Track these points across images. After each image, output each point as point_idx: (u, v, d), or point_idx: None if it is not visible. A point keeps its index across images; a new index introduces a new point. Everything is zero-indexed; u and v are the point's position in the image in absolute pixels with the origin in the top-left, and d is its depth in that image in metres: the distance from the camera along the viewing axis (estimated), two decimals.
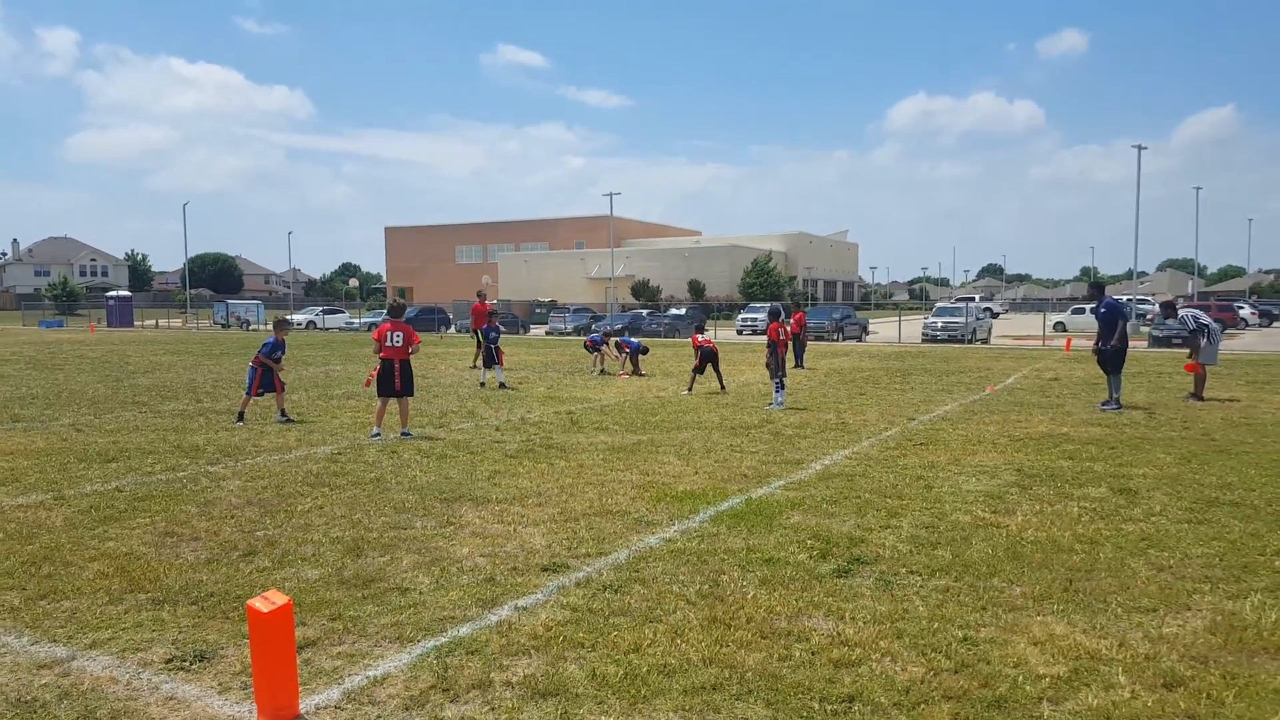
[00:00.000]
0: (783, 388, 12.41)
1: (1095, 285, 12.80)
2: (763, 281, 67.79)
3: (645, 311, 48.76)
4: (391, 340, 9.48)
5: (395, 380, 9.44)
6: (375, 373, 9.62)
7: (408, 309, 18.52)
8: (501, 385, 14.94)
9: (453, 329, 46.98)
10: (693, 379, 14.77)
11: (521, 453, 8.48)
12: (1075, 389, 14.59)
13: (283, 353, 11.03)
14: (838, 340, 36.14)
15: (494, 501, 6.45)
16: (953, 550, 5.23)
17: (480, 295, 18.28)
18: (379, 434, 9.35)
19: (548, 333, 44.41)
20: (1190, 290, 79.77)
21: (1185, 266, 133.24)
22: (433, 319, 45.01)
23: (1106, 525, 5.78)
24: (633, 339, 18.85)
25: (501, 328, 16.10)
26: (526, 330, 46.55)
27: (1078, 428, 10.14)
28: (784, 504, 6.35)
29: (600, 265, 74.93)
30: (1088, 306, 37.56)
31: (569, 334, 42.53)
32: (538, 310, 60.79)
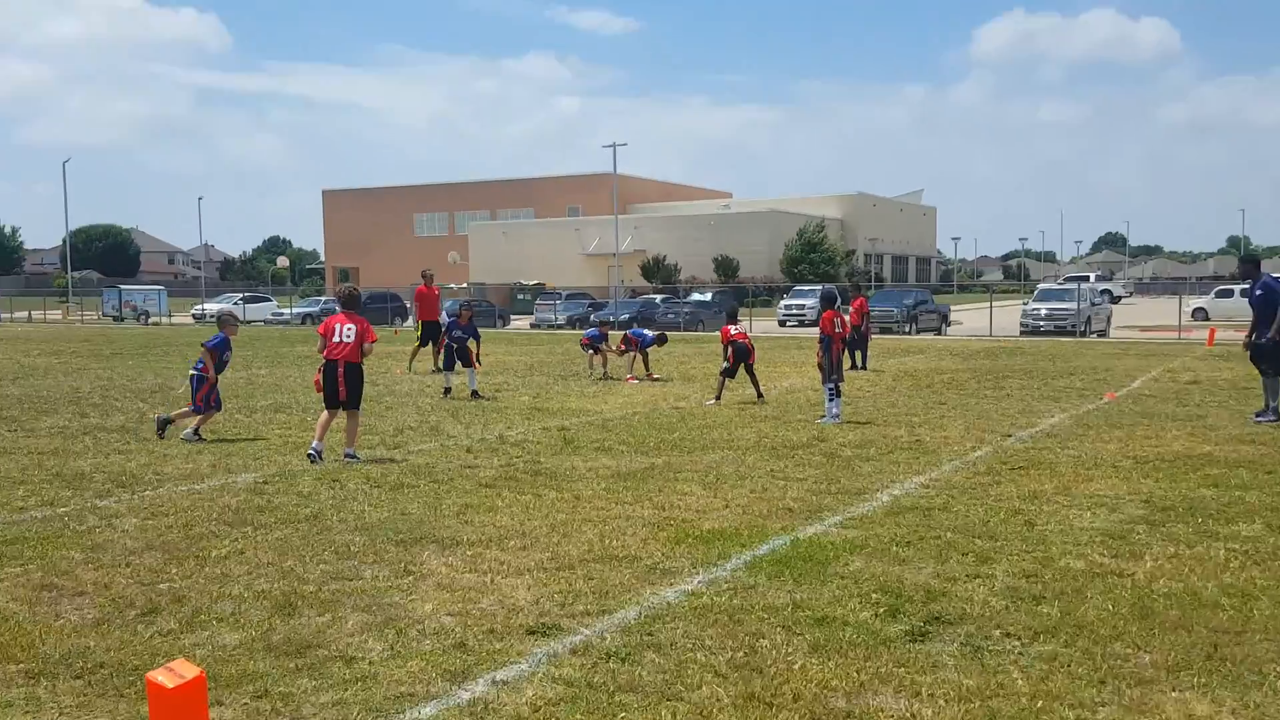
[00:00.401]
0: (839, 395, 12.40)
1: (1248, 260, 12.70)
2: (812, 257, 67.84)
3: (659, 298, 48.83)
4: (340, 335, 9.51)
5: (339, 387, 9.49)
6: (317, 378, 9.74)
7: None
8: (474, 394, 14.99)
9: (410, 321, 47.26)
10: (721, 384, 14.78)
11: (500, 481, 8.52)
12: (1221, 395, 14.52)
13: (229, 354, 11.14)
14: (910, 333, 36.14)
15: (465, 544, 6.48)
16: (1061, 606, 5.21)
17: (426, 277, 18.36)
18: (318, 451, 9.41)
19: (533, 325, 44.67)
20: None
21: None
22: (385, 308, 45.23)
23: (1263, 573, 5.75)
24: (645, 330, 18.85)
25: (475, 328, 16.11)
26: (506, 322, 46.83)
27: (1224, 446, 10.09)
28: (841, 546, 6.34)
29: (601, 238, 75.13)
30: (1238, 287, 37.29)
31: (561, 327, 42.72)
32: (521, 296, 60.89)
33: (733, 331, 14.75)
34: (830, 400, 12.24)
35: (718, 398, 14.50)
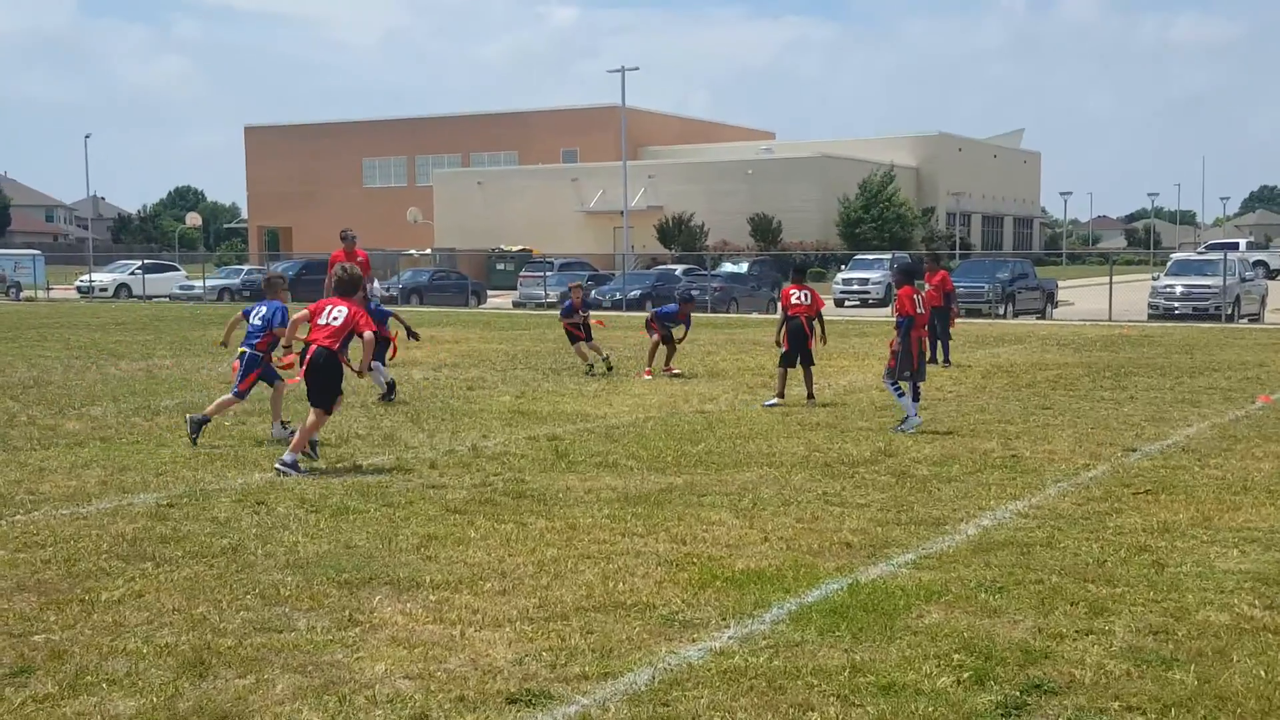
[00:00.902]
0: (917, 397, 12.38)
1: None
2: (878, 216, 67.66)
3: (680, 269, 48.83)
4: (329, 317, 9.97)
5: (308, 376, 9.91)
6: (291, 359, 10.12)
7: (285, 271, 18.62)
8: (386, 393, 14.73)
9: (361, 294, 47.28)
10: (783, 377, 14.73)
11: (473, 505, 8.54)
12: None
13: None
14: (1005, 316, 36.09)
15: (427, 586, 6.50)
16: (1198, 671, 5.20)
17: (346, 239, 18.15)
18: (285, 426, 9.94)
19: (516, 303, 44.74)
20: None
21: None
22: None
23: None
24: (668, 306, 18.82)
25: (386, 308, 16.14)
26: (481, 299, 46.94)
27: None
28: (913, 592, 6.34)
29: (605, 191, 75.26)
30: None
31: (553, 305, 42.73)
32: (501, 266, 61.11)
33: (795, 296, 14.88)
34: (907, 401, 12.22)
35: (780, 396, 14.66)
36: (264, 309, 11.51)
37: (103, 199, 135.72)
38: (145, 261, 55.70)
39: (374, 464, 10.26)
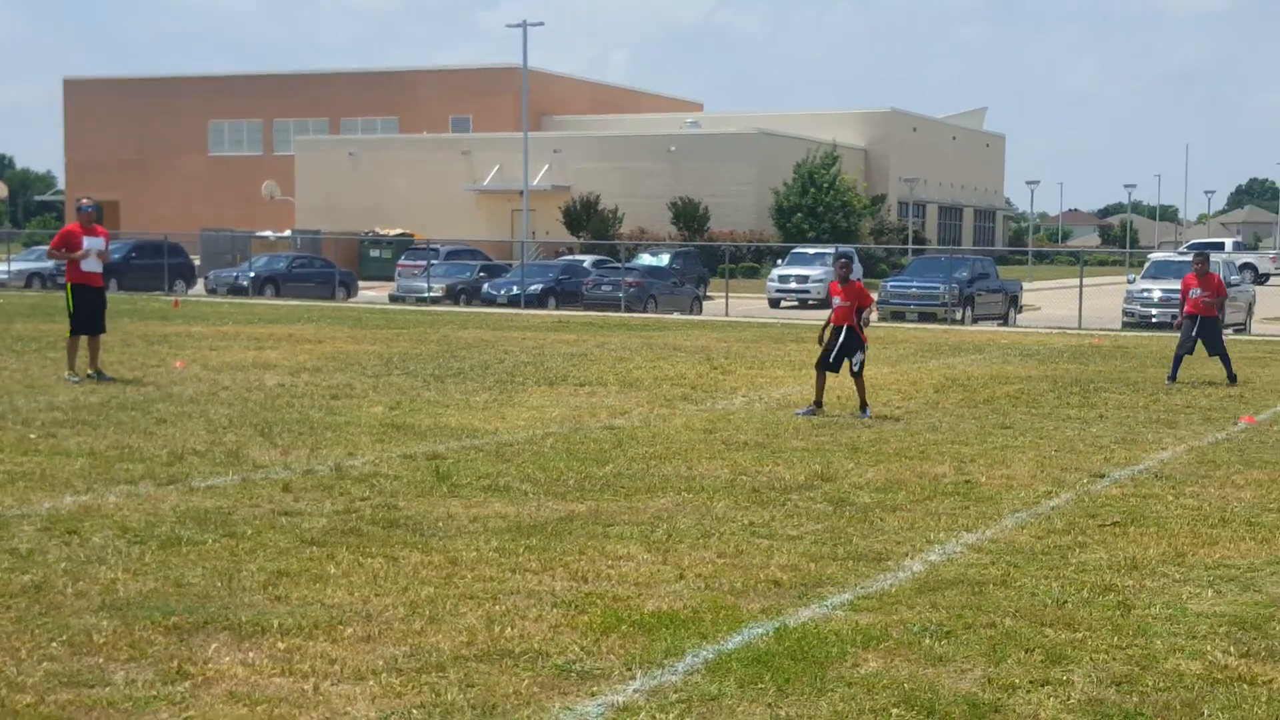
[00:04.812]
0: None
1: None
2: (818, 202, 68.24)
3: (589, 259, 48.89)
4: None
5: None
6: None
7: (109, 244, 18.38)
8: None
9: (201, 285, 46.67)
10: (821, 379, 15.11)
11: (334, 535, 8.47)
12: None
13: None
14: (963, 322, 36.69)
15: (275, 632, 6.43)
16: None
17: (82, 213, 17.75)
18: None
19: (394, 297, 44.34)
20: None
21: None
22: (160, 265, 44.61)
23: None
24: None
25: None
26: (351, 292, 46.49)
27: None
28: (849, 638, 6.41)
29: (502, 166, 74.96)
30: None
31: (438, 300, 42.53)
32: (375, 253, 60.64)
33: (847, 285, 15.40)
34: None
35: (817, 404, 15.10)
36: None
37: None
38: None
39: (214, 486, 10.09)
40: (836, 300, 15.33)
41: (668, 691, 5.65)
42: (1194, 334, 19.23)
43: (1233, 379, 19.03)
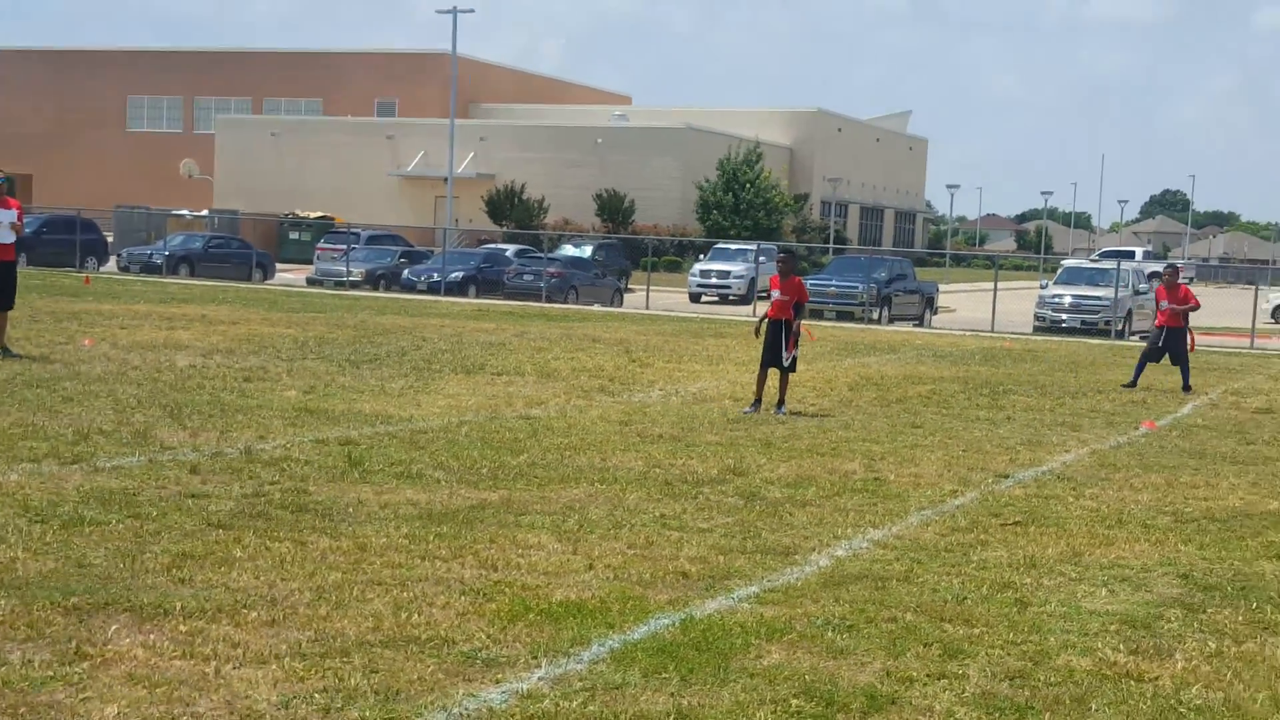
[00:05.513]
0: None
1: None
2: (741, 199, 68.50)
3: (512, 249, 48.75)
4: None
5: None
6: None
7: (22, 217, 17.99)
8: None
9: (114, 262, 45.91)
10: (762, 376, 15.24)
11: (241, 519, 8.42)
12: None
13: None
14: (880, 322, 37.07)
15: (178, 614, 6.39)
16: None
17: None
18: None
19: (312, 280, 43.78)
20: None
21: None
22: (73, 241, 43.83)
23: None
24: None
25: None
26: (268, 274, 45.96)
27: None
28: (753, 630, 6.50)
29: (427, 152, 74.48)
30: None
31: (357, 284, 42.15)
32: (295, 235, 59.84)
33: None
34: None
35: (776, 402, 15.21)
36: None
37: None
38: None
39: (119, 466, 9.96)
40: (775, 294, 15.48)
41: (572, 680, 5.69)
42: (1159, 344, 19.66)
43: (1187, 389, 19.44)
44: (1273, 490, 11.20)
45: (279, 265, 49.12)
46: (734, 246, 49.76)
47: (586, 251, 49.02)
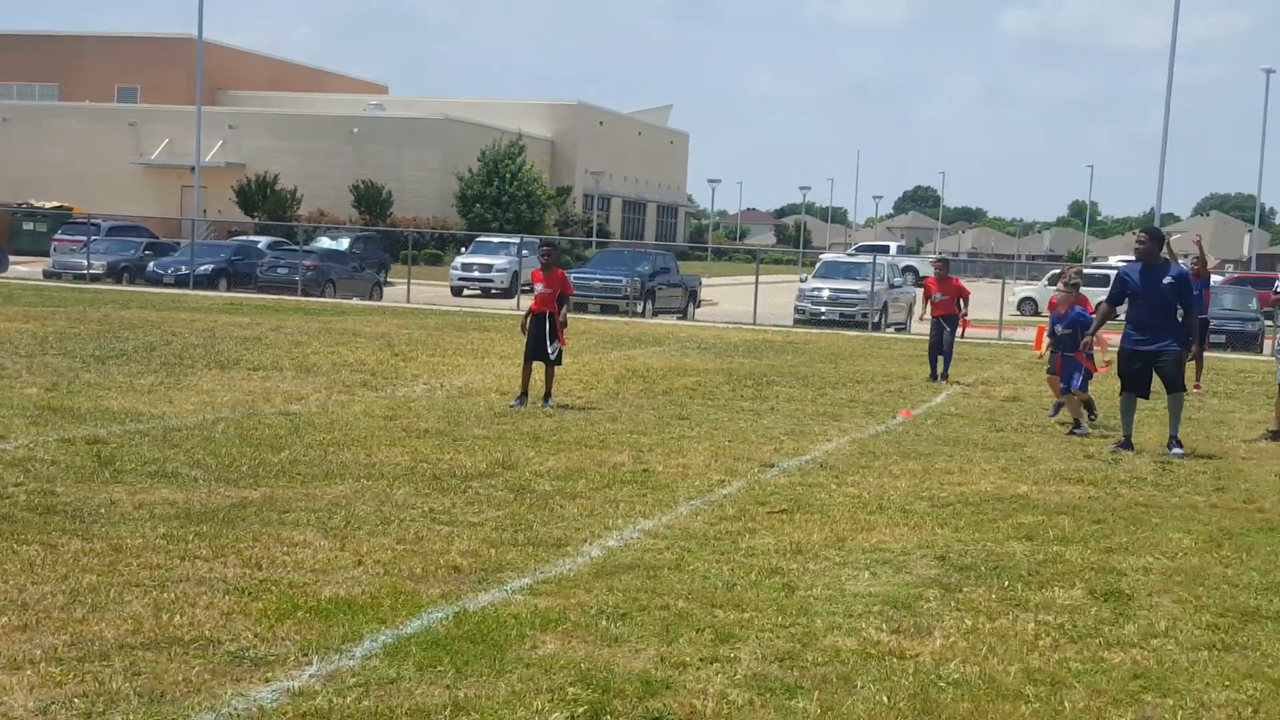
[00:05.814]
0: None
1: (1151, 234, 13.65)
2: (503, 192, 68.55)
3: (264, 241, 47.65)
4: None
5: None
6: None
7: None
8: None
9: None
10: (527, 370, 15.26)
11: None
12: (1046, 417, 16.32)
13: None
14: (644, 315, 37.65)
15: None
16: (821, 699, 5.71)
17: None
18: None
19: (49, 273, 42.25)
20: (1247, 250, 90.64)
21: (1245, 207, 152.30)
22: None
23: (1079, 654, 6.58)
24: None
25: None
26: (2, 266, 43.96)
27: (1045, 486, 11.39)
28: (527, 621, 6.60)
29: (173, 140, 72.66)
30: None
31: (98, 277, 40.65)
32: (29, 226, 57.75)
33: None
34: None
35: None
36: None
37: None
38: None
39: None
40: (539, 288, 15.54)
41: (345, 676, 5.70)
42: (940, 334, 20.51)
43: (942, 376, 20.38)
44: (1022, 475, 11.88)
45: (12, 258, 47.16)
46: (496, 240, 49.91)
47: (344, 244, 48.44)
